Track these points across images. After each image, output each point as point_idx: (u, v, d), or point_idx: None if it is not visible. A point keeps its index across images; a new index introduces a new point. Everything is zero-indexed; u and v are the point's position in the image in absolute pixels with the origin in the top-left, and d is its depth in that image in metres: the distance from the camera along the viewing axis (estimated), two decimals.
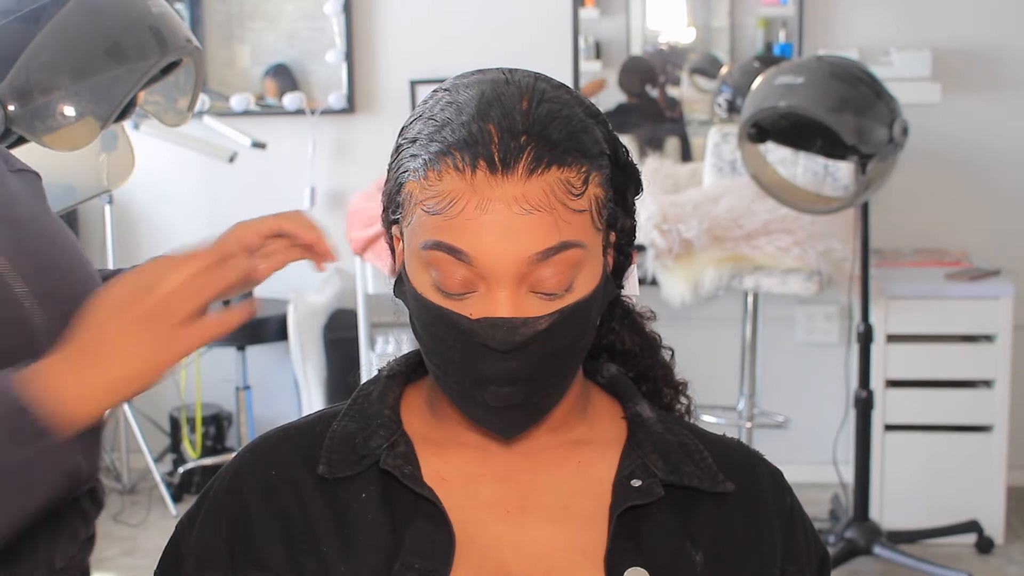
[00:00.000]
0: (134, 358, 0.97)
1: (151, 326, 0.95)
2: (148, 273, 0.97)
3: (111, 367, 0.97)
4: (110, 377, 0.98)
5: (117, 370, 0.98)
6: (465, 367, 1.03)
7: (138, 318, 0.95)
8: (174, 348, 0.97)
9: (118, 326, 0.96)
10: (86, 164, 1.66)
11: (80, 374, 0.97)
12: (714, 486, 1.10)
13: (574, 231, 1.01)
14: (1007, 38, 3.95)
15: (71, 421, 0.98)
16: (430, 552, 1.03)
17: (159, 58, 1.36)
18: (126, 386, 0.99)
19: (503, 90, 1.03)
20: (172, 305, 0.95)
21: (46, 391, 0.96)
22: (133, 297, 0.96)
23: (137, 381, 0.99)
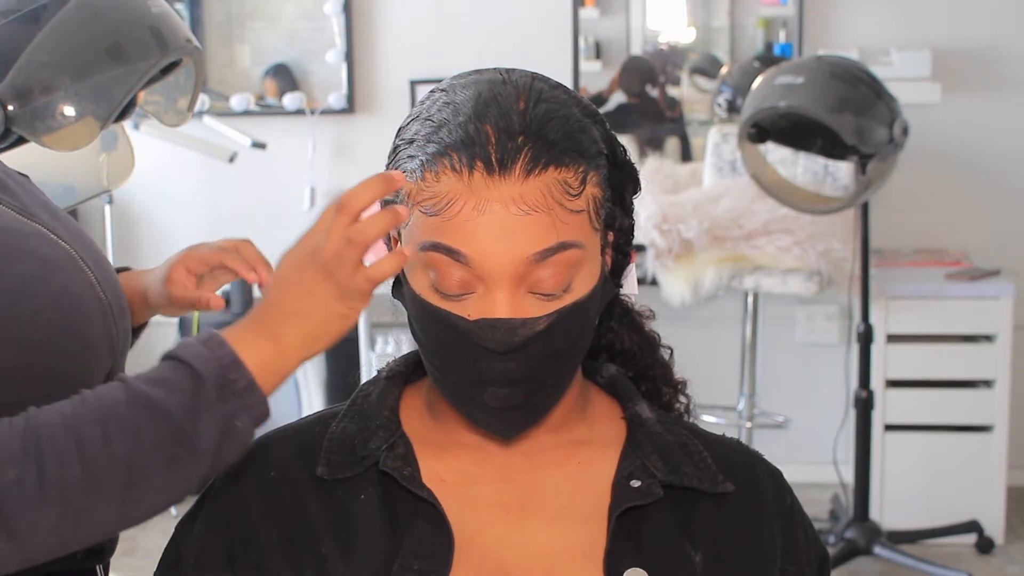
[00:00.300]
0: (323, 308, 0.99)
1: (330, 276, 0.98)
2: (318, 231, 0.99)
3: (302, 321, 1.00)
4: (303, 331, 1.00)
5: (309, 322, 1.00)
6: (464, 368, 1.03)
7: (316, 273, 0.99)
8: (354, 292, 0.99)
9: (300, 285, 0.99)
10: (86, 164, 1.66)
11: (276, 331, 1.00)
12: (714, 486, 1.10)
13: (572, 231, 1.01)
14: (1007, 38, 3.95)
15: (271, 379, 1.01)
16: (429, 553, 1.03)
17: (159, 58, 1.36)
18: (322, 337, 1.01)
19: (500, 90, 1.03)
20: (343, 255, 0.97)
21: (247, 349, 0.99)
22: (305, 260, 0.99)
23: (322, 337, 1.01)
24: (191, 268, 1.40)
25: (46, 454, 0.93)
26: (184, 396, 0.97)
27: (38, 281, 1.07)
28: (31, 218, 1.16)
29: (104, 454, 0.94)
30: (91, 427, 0.95)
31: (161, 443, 0.96)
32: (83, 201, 1.78)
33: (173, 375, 0.98)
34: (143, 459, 0.96)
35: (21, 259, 1.06)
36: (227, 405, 0.98)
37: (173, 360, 0.99)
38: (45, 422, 0.95)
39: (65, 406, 0.97)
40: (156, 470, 0.97)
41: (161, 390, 0.97)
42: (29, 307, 1.05)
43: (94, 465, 0.94)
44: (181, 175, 4.17)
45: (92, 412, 0.96)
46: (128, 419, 0.96)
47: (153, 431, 0.96)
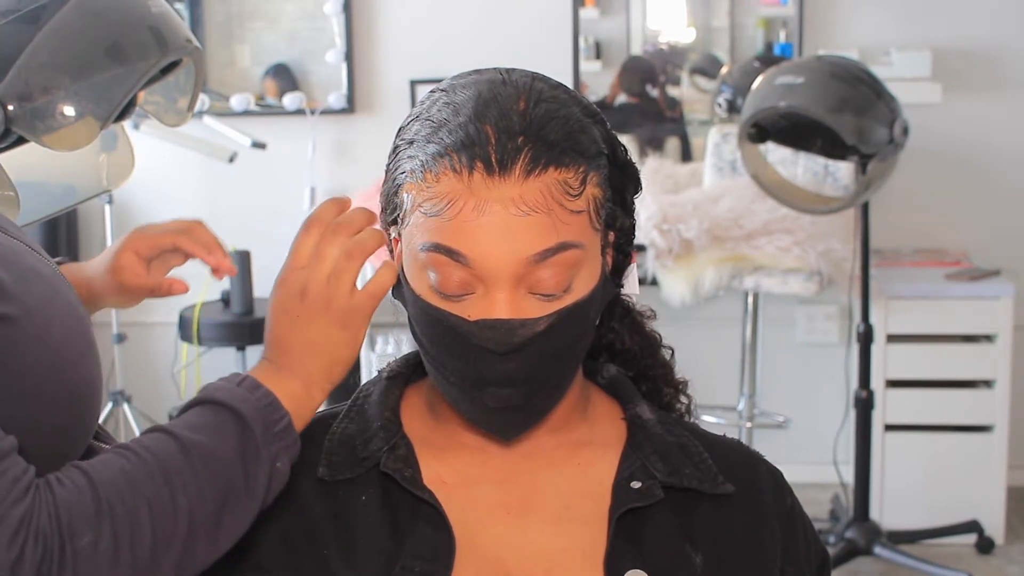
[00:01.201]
0: (328, 341, 1.02)
1: (328, 310, 1.01)
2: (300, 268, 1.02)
3: (315, 357, 1.02)
4: (319, 366, 1.02)
5: (321, 357, 1.02)
6: (464, 369, 1.03)
7: (311, 308, 1.01)
8: (355, 319, 1.02)
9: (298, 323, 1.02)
10: (86, 164, 1.66)
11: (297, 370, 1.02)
12: (714, 488, 1.10)
13: (572, 232, 1.01)
14: (1007, 38, 3.95)
15: (302, 417, 1.03)
16: (430, 555, 1.03)
17: (159, 58, 1.36)
18: (336, 367, 1.04)
19: (500, 90, 1.03)
20: (335, 286, 1.00)
21: (278, 389, 1.01)
22: (301, 294, 1.02)
23: (340, 365, 1.04)
24: (140, 252, 1.34)
25: (119, 517, 0.93)
26: (235, 441, 0.97)
27: (53, 300, 1.05)
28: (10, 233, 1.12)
29: (171, 512, 0.94)
30: (157, 486, 0.95)
31: (219, 493, 0.96)
32: (83, 201, 1.77)
33: (216, 420, 0.99)
34: (203, 512, 0.96)
35: (34, 279, 1.05)
36: (272, 447, 0.98)
37: (212, 404, 0.99)
38: (109, 481, 0.94)
39: (122, 464, 0.96)
40: (213, 520, 0.96)
41: (210, 438, 0.97)
42: (58, 327, 1.03)
43: (162, 525, 0.94)
44: (181, 175, 4.16)
45: (154, 469, 0.95)
46: (188, 473, 0.96)
47: (212, 482, 0.96)
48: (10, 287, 0.98)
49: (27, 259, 1.06)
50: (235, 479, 0.97)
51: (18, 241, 1.09)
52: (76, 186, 1.71)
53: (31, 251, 1.10)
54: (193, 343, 3.85)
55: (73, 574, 0.91)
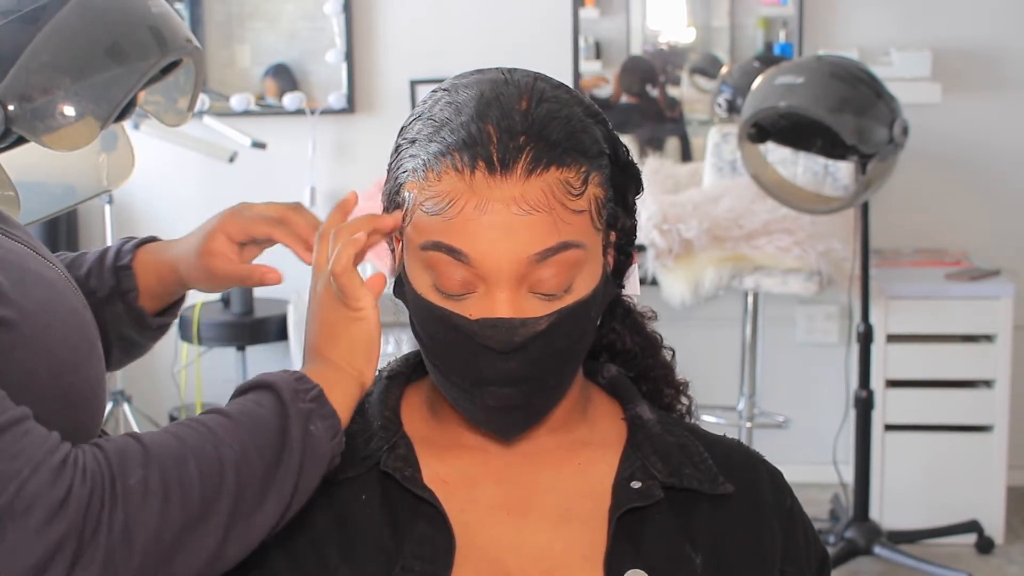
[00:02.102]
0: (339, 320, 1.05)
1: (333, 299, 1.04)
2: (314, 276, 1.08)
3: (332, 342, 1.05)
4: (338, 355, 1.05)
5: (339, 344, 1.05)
6: (464, 368, 1.03)
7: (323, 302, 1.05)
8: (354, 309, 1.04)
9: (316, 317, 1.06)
10: (86, 164, 1.65)
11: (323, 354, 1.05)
12: (714, 488, 1.10)
13: (573, 231, 1.01)
14: (1007, 38, 3.95)
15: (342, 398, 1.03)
16: (430, 554, 1.03)
17: (159, 58, 1.36)
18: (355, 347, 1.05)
19: (502, 90, 1.03)
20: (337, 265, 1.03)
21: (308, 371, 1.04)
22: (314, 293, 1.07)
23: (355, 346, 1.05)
24: (233, 236, 1.28)
25: (166, 461, 0.93)
26: (270, 405, 0.99)
27: (55, 303, 1.05)
28: (17, 239, 1.12)
29: (217, 465, 0.95)
30: (202, 441, 0.96)
31: (261, 451, 0.97)
32: (83, 201, 1.77)
33: (253, 395, 1.01)
34: (248, 470, 0.96)
35: (36, 281, 1.04)
36: (302, 406, 1.00)
37: (246, 391, 1.02)
38: (155, 437, 0.96)
39: (168, 428, 0.98)
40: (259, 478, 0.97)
41: (249, 405, 1.00)
42: (59, 330, 1.03)
43: (209, 475, 0.94)
44: (181, 175, 4.16)
45: (198, 427, 0.97)
46: (232, 433, 0.97)
47: (254, 441, 0.97)
48: (8, 291, 0.98)
49: (29, 263, 1.05)
50: (273, 437, 0.98)
51: (21, 244, 1.09)
52: (76, 186, 1.71)
53: (34, 255, 1.09)
54: (193, 343, 3.85)
55: (124, 513, 0.90)
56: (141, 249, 1.33)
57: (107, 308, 1.29)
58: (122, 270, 1.30)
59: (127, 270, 1.30)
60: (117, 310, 1.29)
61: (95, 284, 1.29)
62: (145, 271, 1.31)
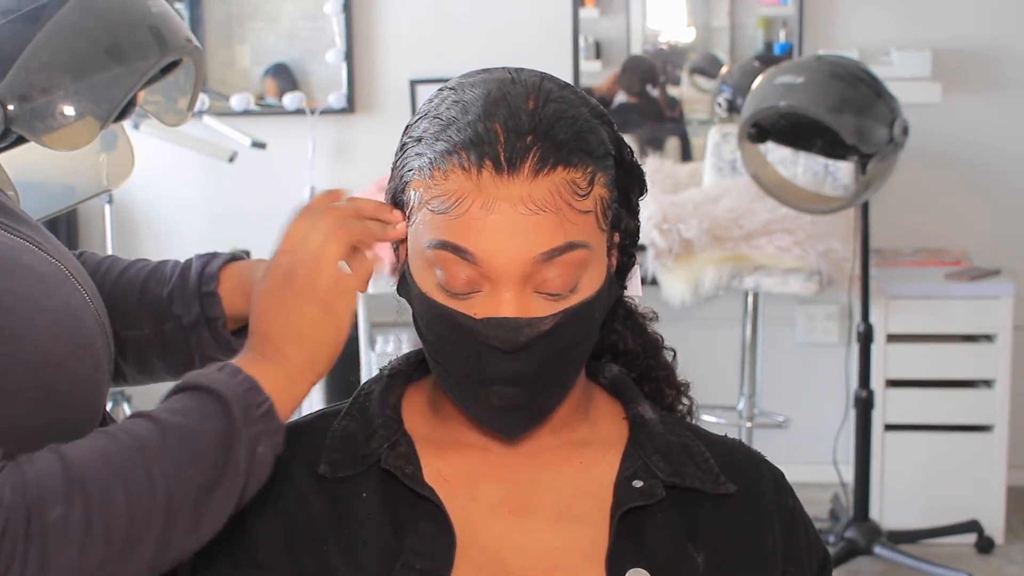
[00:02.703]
0: (312, 327, 1.01)
1: (312, 292, 1.00)
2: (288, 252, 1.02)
3: (298, 344, 1.01)
4: (303, 354, 1.01)
5: (304, 344, 1.01)
6: (468, 367, 1.03)
7: (298, 292, 1.00)
8: (340, 303, 1.00)
9: (284, 306, 1.00)
10: (86, 164, 1.65)
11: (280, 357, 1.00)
12: (715, 487, 1.10)
13: (579, 232, 1.01)
14: (1007, 38, 3.95)
15: (286, 406, 1.00)
16: (431, 553, 1.03)
17: (159, 58, 1.36)
18: (321, 354, 1.02)
19: (509, 89, 1.03)
20: (319, 267, 1.00)
21: (260, 376, 0.99)
22: (287, 277, 1.01)
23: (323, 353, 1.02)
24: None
25: (91, 492, 0.89)
26: (215, 422, 0.95)
27: (43, 298, 1.03)
28: (18, 234, 1.10)
29: (147, 490, 0.91)
30: (132, 464, 0.91)
31: (198, 474, 0.93)
32: (83, 201, 1.77)
33: (196, 402, 0.96)
34: (181, 492, 0.92)
35: (23, 275, 1.02)
36: (252, 429, 0.96)
37: (191, 390, 0.97)
38: (82, 458, 0.91)
39: (96, 441, 0.93)
40: (192, 503, 0.93)
41: (190, 419, 0.95)
42: (42, 325, 1.01)
43: (138, 503, 0.91)
44: (181, 175, 4.16)
45: (130, 447, 0.92)
46: (165, 452, 0.93)
47: (192, 462, 0.93)
48: None
49: (22, 256, 1.04)
50: (215, 460, 0.94)
51: (18, 238, 1.08)
52: (76, 186, 1.71)
53: (34, 249, 1.08)
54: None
55: (41, 550, 0.86)
56: (225, 271, 1.29)
57: (192, 334, 1.26)
58: (207, 297, 1.27)
59: (213, 297, 1.27)
60: (203, 336, 1.26)
61: (179, 310, 1.27)
62: (231, 295, 1.27)
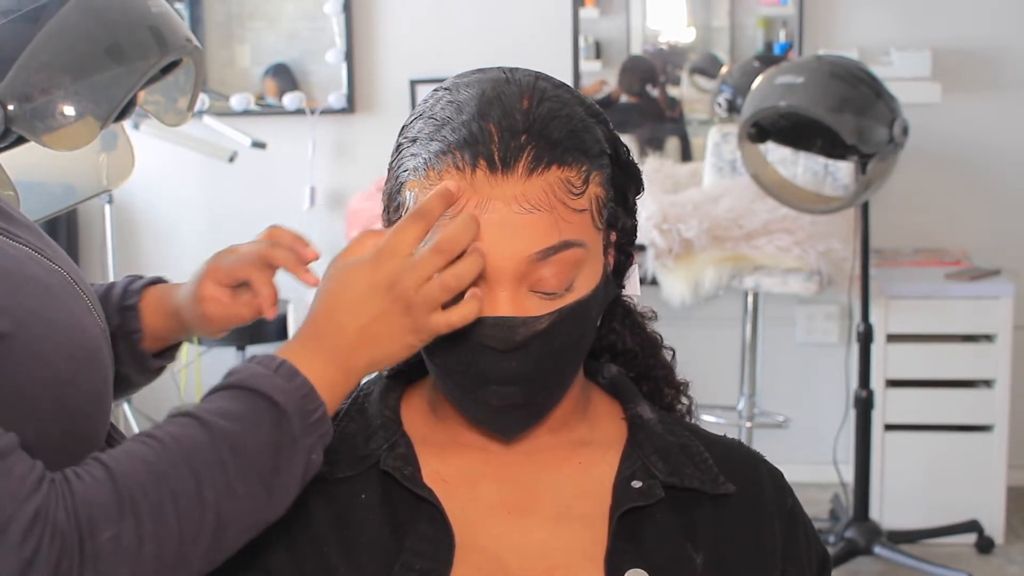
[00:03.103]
0: (396, 339, 0.98)
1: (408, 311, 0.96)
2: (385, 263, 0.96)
3: (372, 349, 0.98)
4: (371, 358, 0.99)
5: (379, 350, 0.98)
6: (465, 366, 1.03)
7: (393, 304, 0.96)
8: (428, 330, 0.98)
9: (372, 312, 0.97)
10: (86, 164, 1.66)
11: (345, 357, 0.98)
12: (715, 488, 1.10)
13: (574, 230, 1.01)
14: (1007, 38, 3.95)
15: (335, 404, 0.99)
16: (430, 553, 1.03)
17: (159, 58, 1.36)
18: (386, 362, 1.00)
19: (504, 89, 1.03)
20: (433, 298, 0.96)
21: (316, 376, 0.96)
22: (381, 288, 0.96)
23: (386, 363, 1.00)
24: (221, 281, 1.27)
25: (142, 511, 0.89)
26: (270, 433, 0.93)
27: (52, 311, 1.01)
28: (19, 240, 1.08)
29: (196, 504, 0.90)
30: (182, 477, 0.90)
31: (249, 486, 0.92)
32: (83, 201, 1.77)
33: (250, 408, 0.94)
34: (232, 504, 0.92)
35: (31, 288, 1.00)
36: (308, 439, 0.95)
37: (246, 391, 0.95)
38: (131, 473, 0.90)
39: (145, 453, 0.91)
40: (243, 513, 0.93)
41: (242, 426, 0.93)
42: (53, 340, 0.99)
43: (188, 517, 0.90)
44: (181, 175, 4.16)
45: (179, 458, 0.91)
46: (217, 464, 0.91)
47: (243, 475, 0.92)
48: (1, 300, 0.95)
49: (28, 267, 1.02)
50: (268, 472, 0.93)
51: (22, 245, 1.06)
52: (76, 186, 1.71)
53: (38, 257, 1.06)
54: (193, 343, 3.85)
55: (95, 572, 0.87)
56: (148, 290, 1.29)
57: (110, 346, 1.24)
58: (128, 310, 1.27)
59: (133, 311, 1.27)
60: (119, 350, 1.25)
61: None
62: (151, 313, 1.28)
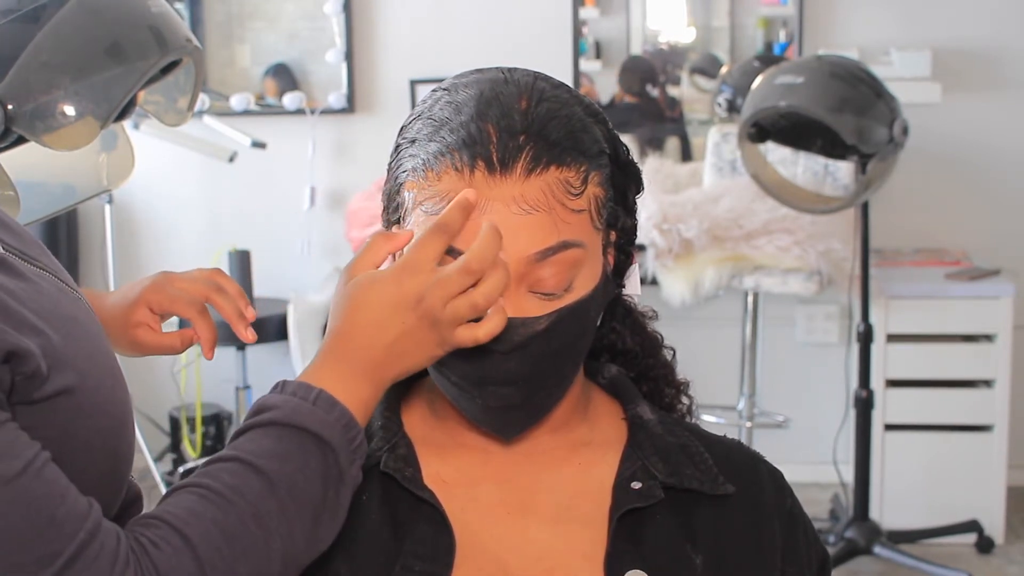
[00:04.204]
0: (424, 353, 0.97)
1: (435, 327, 0.96)
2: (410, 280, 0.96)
3: (401, 364, 0.98)
4: (400, 372, 0.98)
5: (407, 364, 0.98)
6: (464, 367, 1.03)
7: (421, 320, 0.96)
8: (453, 344, 0.97)
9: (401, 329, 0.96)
10: (86, 164, 1.66)
11: (378, 376, 0.97)
12: (714, 488, 1.10)
13: (573, 231, 1.01)
14: (1007, 38, 3.95)
15: (366, 419, 0.98)
16: (431, 554, 1.03)
17: (159, 58, 1.36)
18: (410, 372, 1.00)
19: (502, 89, 1.03)
20: (461, 315, 0.95)
21: (351, 398, 0.96)
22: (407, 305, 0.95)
23: (411, 373, 1.00)
24: (155, 309, 1.26)
25: (221, 573, 0.89)
26: (319, 466, 0.93)
27: (96, 353, 0.97)
28: (37, 264, 1.01)
29: (265, 557, 0.91)
30: (252, 535, 0.90)
31: (308, 525, 0.93)
32: (83, 201, 1.77)
33: (298, 447, 0.93)
34: (294, 548, 0.93)
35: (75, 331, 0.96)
36: (353, 469, 0.96)
37: (291, 428, 0.93)
38: (204, 536, 0.89)
39: (213, 513, 0.90)
40: (300, 552, 0.94)
41: (294, 467, 0.92)
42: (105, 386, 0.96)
43: (258, 570, 0.91)
44: (181, 175, 4.16)
45: (246, 516, 0.91)
46: (279, 515, 0.91)
47: (301, 516, 0.93)
48: (63, 352, 0.91)
49: (65, 305, 0.98)
50: (321, 506, 0.93)
51: (48, 273, 1.01)
52: (76, 186, 1.71)
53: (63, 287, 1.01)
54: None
55: None
56: None
57: None
58: None
59: None
60: None
61: None
62: None
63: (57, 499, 0.86)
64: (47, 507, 0.85)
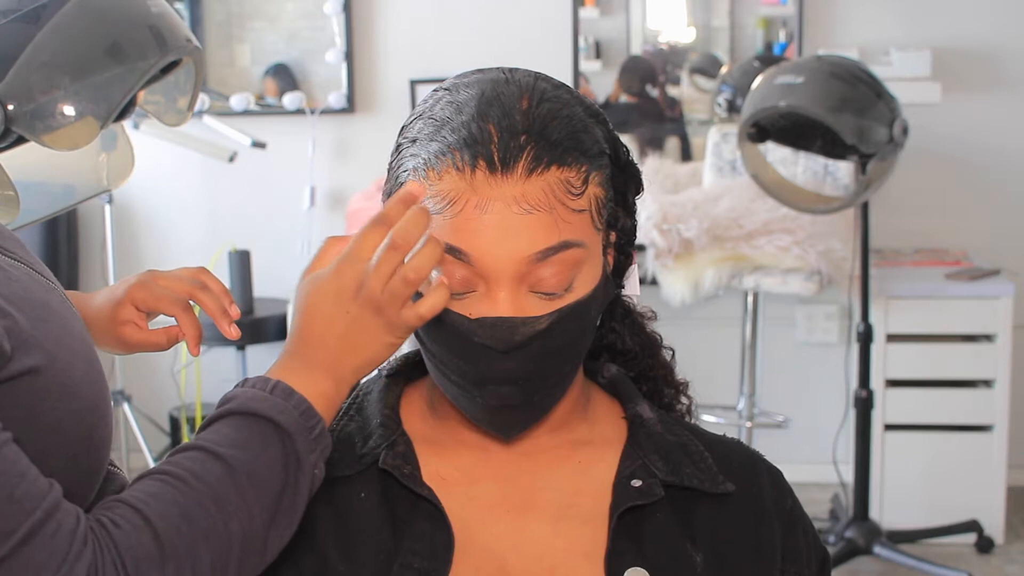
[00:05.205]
0: (374, 341, 0.98)
1: (380, 312, 0.96)
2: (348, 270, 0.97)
3: (354, 355, 0.98)
4: (355, 364, 0.99)
5: (361, 356, 0.99)
6: (465, 367, 1.03)
7: (364, 308, 0.96)
8: (403, 327, 0.98)
9: (346, 319, 0.97)
10: (86, 164, 1.66)
11: (331, 368, 0.98)
12: (714, 487, 1.10)
13: (574, 231, 1.01)
14: (1007, 38, 3.95)
15: (330, 415, 1.00)
16: (429, 552, 1.03)
17: (159, 58, 1.36)
18: (370, 366, 1.00)
19: (503, 89, 1.03)
20: (398, 294, 0.95)
21: (310, 390, 0.98)
22: (348, 294, 0.97)
23: (372, 365, 1.00)
24: (140, 307, 1.27)
25: (181, 555, 0.90)
26: (277, 454, 0.95)
27: (67, 337, 0.99)
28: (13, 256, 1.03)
29: (225, 539, 0.92)
30: (211, 517, 0.92)
31: (266, 511, 0.94)
32: (83, 201, 1.77)
33: (256, 433, 0.95)
34: (253, 532, 0.94)
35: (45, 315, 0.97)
36: (312, 456, 0.97)
37: (249, 416, 0.96)
38: (164, 516, 0.91)
39: (173, 495, 0.92)
40: (262, 536, 0.95)
41: (253, 453, 0.94)
42: (79, 368, 0.98)
43: (219, 554, 0.92)
44: (181, 175, 4.17)
45: (205, 498, 0.92)
46: (238, 498, 0.93)
47: (260, 501, 0.94)
48: (30, 333, 0.93)
49: (36, 291, 1.00)
50: (280, 493, 0.95)
51: (23, 264, 1.03)
52: (76, 186, 1.71)
53: (36, 276, 1.03)
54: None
55: None
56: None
57: None
58: None
59: None
60: None
61: None
62: None
63: (16, 477, 0.87)
64: (5, 485, 0.86)
